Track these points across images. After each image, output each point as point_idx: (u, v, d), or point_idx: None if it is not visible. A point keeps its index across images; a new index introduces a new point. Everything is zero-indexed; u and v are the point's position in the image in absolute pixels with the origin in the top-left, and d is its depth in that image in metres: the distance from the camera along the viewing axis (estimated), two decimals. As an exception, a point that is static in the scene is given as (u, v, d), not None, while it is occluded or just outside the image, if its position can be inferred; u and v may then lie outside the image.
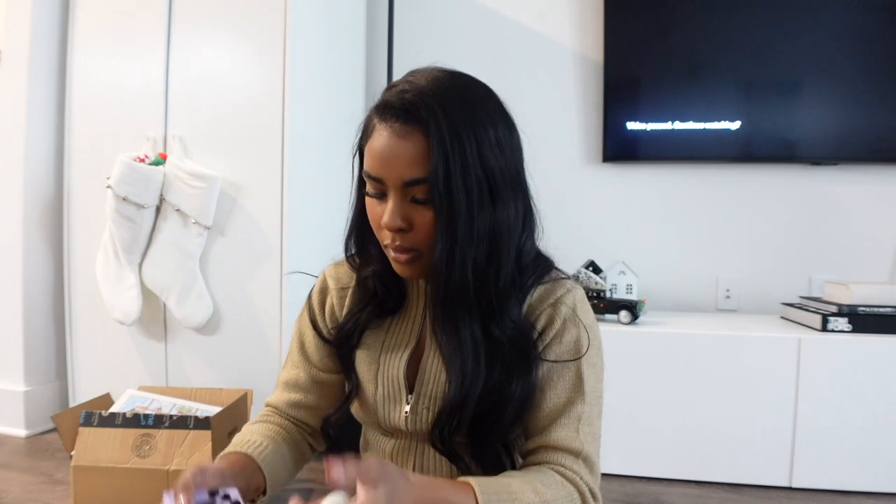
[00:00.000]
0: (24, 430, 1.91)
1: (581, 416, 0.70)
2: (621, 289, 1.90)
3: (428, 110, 0.63)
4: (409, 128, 0.64)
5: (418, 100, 0.64)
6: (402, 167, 0.64)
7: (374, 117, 0.67)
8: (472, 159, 0.64)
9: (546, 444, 0.69)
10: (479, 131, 0.65)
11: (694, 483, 1.65)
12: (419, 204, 0.66)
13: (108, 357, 1.92)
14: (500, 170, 0.67)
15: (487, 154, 0.65)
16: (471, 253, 0.66)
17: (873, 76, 1.91)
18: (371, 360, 0.78)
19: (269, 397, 0.87)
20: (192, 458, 1.33)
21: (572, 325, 0.72)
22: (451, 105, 0.64)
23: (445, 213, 0.64)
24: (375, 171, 0.66)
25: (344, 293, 0.82)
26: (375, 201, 0.68)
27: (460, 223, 0.64)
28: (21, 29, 1.90)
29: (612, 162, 2.13)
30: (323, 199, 1.94)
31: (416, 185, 0.65)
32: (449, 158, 0.63)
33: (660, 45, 2.05)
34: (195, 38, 1.81)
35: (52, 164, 1.99)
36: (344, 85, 2.12)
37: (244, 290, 1.79)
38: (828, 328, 1.65)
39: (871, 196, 2.01)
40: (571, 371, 0.71)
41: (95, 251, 1.85)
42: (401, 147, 0.64)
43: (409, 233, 0.67)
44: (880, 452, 1.57)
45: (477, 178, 0.64)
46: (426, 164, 0.63)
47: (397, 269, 0.71)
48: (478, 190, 0.65)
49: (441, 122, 0.63)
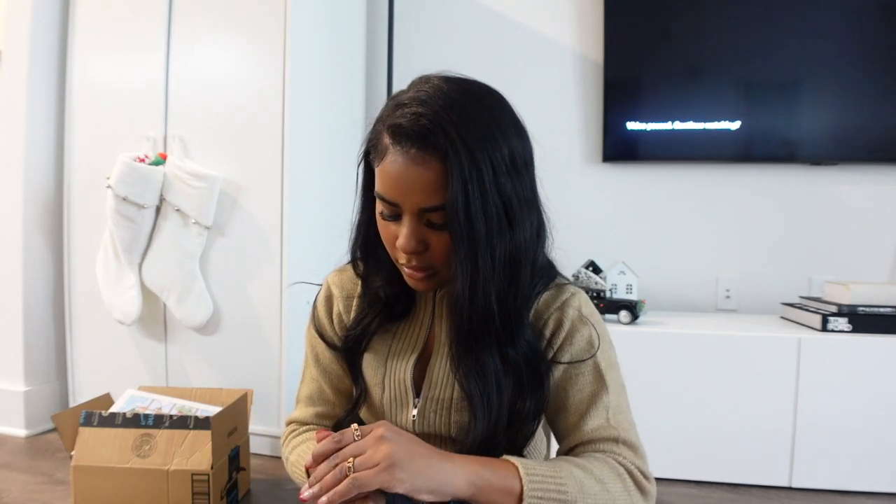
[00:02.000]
0: (24, 430, 1.91)
1: (609, 405, 0.70)
2: (621, 289, 1.89)
3: (446, 137, 0.61)
4: (426, 155, 0.62)
5: (435, 126, 0.62)
6: (419, 194, 0.63)
7: (385, 137, 0.65)
8: (490, 185, 0.63)
9: (581, 440, 0.69)
10: (494, 154, 0.63)
11: (694, 483, 1.65)
12: (435, 228, 0.66)
13: (108, 357, 1.92)
14: (516, 192, 0.66)
15: (503, 180, 0.64)
16: (493, 282, 0.65)
17: (873, 76, 1.91)
18: (378, 365, 0.78)
19: (292, 414, 0.86)
20: (191, 457, 1.33)
21: (581, 325, 0.73)
22: (466, 129, 0.62)
23: (465, 243, 0.63)
24: (391, 196, 0.65)
25: (350, 301, 0.82)
26: (388, 221, 0.68)
27: (480, 252, 0.63)
28: (21, 29, 1.90)
29: (612, 162, 2.13)
30: (323, 199, 1.94)
31: (433, 212, 0.64)
32: (468, 187, 0.61)
33: (660, 45, 2.05)
34: (195, 38, 1.81)
35: (52, 163, 1.99)
36: (344, 85, 2.12)
37: (244, 291, 1.79)
38: (828, 328, 1.65)
39: (871, 196, 2.01)
40: (589, 367, 0.71)
41: (95, 251, 1.85)
42: (418, 174, 0.63)
43: (424, 253, 0.67)
44: (880, 452, 1.57)
45: (495, 204, 0.63)
46: (443, 191, 0.62)
47: (411, 283, 0.71)
48: (496, 216, 0.64)
49: (459, 150, 0.61)
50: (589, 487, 0.62)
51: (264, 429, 1.79)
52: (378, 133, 0.68)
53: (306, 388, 0.85)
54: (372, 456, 0.58)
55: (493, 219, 0.63)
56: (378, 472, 0.57)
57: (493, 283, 0.65)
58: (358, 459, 0.58)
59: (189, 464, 1.32)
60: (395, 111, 0.65)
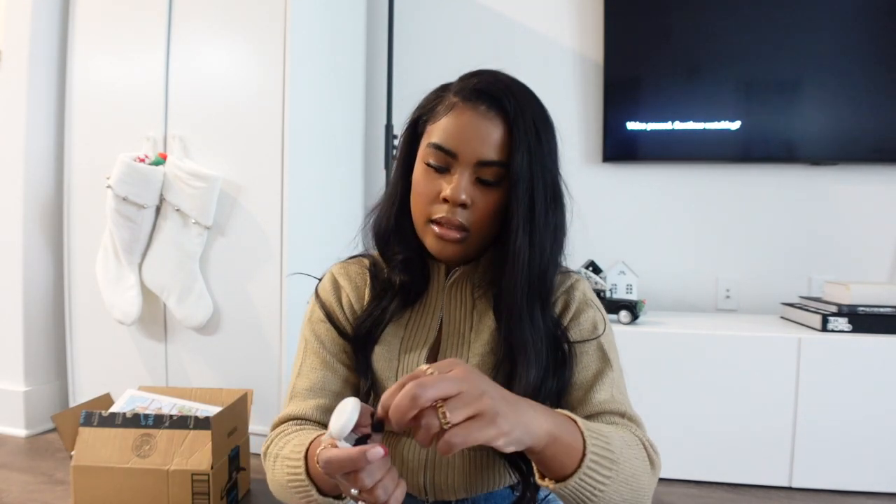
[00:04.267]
0: (24, 430, 1.91)
1: (613, 381, 0.72)
2: (621, 289, 1.89)
3: (516, 104, 0.68)
4: (495, 113, 0.68)
5: (507, 92, 0.68)
6: (482, 146, 0.67)
7: (451, 97, 0.70)
8: (547, 160, 0.70)
9: (590, 413, 0.69)
10: (550, 137, 0.71)
11: (694, 483, 1.65)
12: (485, 186, 0.69)
13: (108, 357, 1.92)
14: (558, 177, 0.72)
15: (555, 159, 0.72)
16: (548, 240, 0.69)
17: (873, 76, 1.91)
18: (391, 357, 0.76)
19: (284, 412, 0.75)
20: (191, 457, 1.33)
21: (586, 307, 0.76)
22: (531, 106, 0.69)
23: (528, 200, 0.67)
24: (450, 145, 0.68)
25: (359, 291, 0.80)
26: (435, 174, 0.70)
27: (538, 211, 0.68)
28: (21, 29, 1.90)
29: (612, 162, 2.13)
30: (323, 199, 1.94)
31: (490, 167, 0.68)
32: (532, 152, 0.67)
33: (660, 45, 2.05)
34: (195, 38, 1.81)
35: (52, 163, 1.99)
36: (344, 85, 2.12)
37: (244, 290, 1.79)
38: (828, 328, 1.65)
39: (871, 196, 2.01)
40: (594, 346, 0.73)
41: (95, 251, 1.85)
42: (485, 127, 0.67)
43: (466, 210, 0.69)
44: (880, 452, 1.57)
45: (551, 176, 0.70)
46: (505, 150, 0.67)
47: (437, 246, 0.71)
48: (552, 187, 0.70)
49: (527, 118, 0.68)
50: (626, 449, 0.60)
51: (264, 429, 1.79)
52: (439, 98, 0.72)
53: (305, 380, 0.76)
54: (469, 402, 0.48)
55: (549, 186, 0.69)
56: (485, 426, 0.47)
57: (547, 241, 0.69)
58: (451, 403, 0.47)
59: (189, 464, 1.32)
60: (465, 81, 0.71)
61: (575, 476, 0.54)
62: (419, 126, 0.74)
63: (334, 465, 0.50)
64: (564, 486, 0.55)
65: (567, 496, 0.56)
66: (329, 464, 0.50)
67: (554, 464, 0.55)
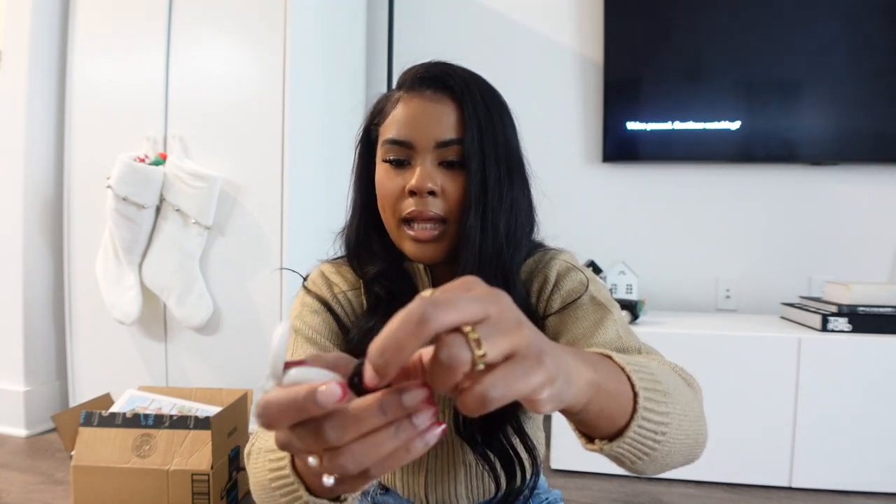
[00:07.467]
0: (24, 430, 1.91)
1: (617, 321, 0.66)
2: (621, 289, 1.89)
3: (461, 82, 0.67)
4: (442, 95, 0.67)
5: (450, 72, 0.67)
6: (437, 128, 0.66)
7: (396, 93, 0.69)
8: (498, 134, 0.67)
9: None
10: (502, 112, 0.69)
11: (694, 483, 1.65)
12: (448, 168, 0.66)
13: (108, 357, 1.92)
14: (517, 153, 0.70)
15: (509, 134, 0.69)
16: (502, 218, 0.66)
17: (873, 76, 1.91)
18: None
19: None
20: (191, 457, 1.33)
21: (568, 272, 0.71)
22: (477, 83, 0.68)
23: (479, 177, 0.65)
24: (404, 135, 0.66)
25: (357, 292, 0.76)
26: (397, 171, 0.67)
27: (490, 188, 0.65)
28: (21, 29, 1.90)
29: (612, 162, 2.13)
30: (323, 199, 1.94)
31: (449, 147, 0.66)
32: (482, 125, 0.66)
33: (660, 45, 2.05)
34: (195, 38, 1.81)
35: (52, 163, 1.99)
36: (344, 85, 2.12)
37: (244, 290, 1.79)
38: (828, 328, 1.65)
39: (871, 196, 2.01)
40: (586, 301, 0.68)
41: (95, 251, 1.85)
42: (435, 109, 0.66)
43: (437, 199, 0.66)
44: (880, 452, 1.57)
45: (506, 149, 0.68)
46: (459, 128, 0.66)
47: (417, 250, 0.67)
48: (505, 163, 0.67)
49: (474, 93, 0.66)
50: (668, 375, 0.51)
51: (264, 429, 1.79)
52: (385, 99, 0.71)
53: None
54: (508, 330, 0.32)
55: (501, 162, 0.67)
56: (531, 367, 0.31)
57: (501, 219, 0.66)
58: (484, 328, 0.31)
59: (189, 464, 1.32)
60: (405, 74, 0.70)
61: (632, 426, 0.44)
62: (371, 133, 0.72)
63: (272, 411, 0.32)
64: (621, 444, 0.44)
65: (623, 455, 0.45)
66: (267, 409, 0.33)
67: (601, 420, 0.43)
